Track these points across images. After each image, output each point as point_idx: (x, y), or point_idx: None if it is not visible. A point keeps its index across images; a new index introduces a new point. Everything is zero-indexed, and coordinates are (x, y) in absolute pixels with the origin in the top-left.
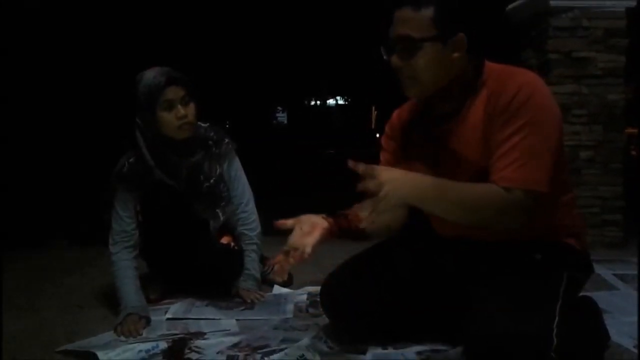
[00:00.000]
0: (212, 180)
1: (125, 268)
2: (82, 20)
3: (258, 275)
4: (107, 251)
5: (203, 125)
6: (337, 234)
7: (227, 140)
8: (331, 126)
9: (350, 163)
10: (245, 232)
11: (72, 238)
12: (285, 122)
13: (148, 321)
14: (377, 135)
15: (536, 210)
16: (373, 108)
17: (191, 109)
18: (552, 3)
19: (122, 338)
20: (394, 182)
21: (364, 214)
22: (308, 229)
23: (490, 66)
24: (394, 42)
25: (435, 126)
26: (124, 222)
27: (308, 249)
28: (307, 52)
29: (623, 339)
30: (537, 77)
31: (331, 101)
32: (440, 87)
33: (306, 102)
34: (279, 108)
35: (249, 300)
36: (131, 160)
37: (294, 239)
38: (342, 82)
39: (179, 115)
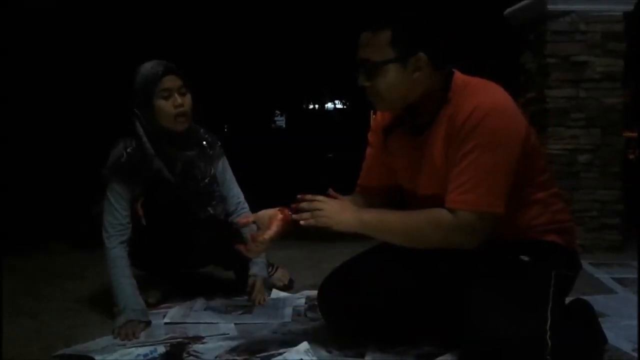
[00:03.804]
0: (207, 180)
1: (123, 267)
2: (82, 22)
3: (265, 260)
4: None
5: (198, 127)
6: (292, 221)
7: (219, 143)
8: (330, 130)
9: (331, 192)
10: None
11: (71, 241)
12: (284, 125)
13: (148, 324)
14: None
15: (495, 228)
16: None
17: (188, 99)
18: (550, 7)
19: (119, 342)
20: (337, 205)
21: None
22: (267, 223)
23: (458, 80)
24: (358, 64)
25: (409, 135)
26: (120, 214)
27: (270, 233)
28: (306, 56)
29: (622, 342)
30: (498, 95)
31: (330, 105)
32: (409, 103)
33: (304, 106)
34: (278, 112)
35: (261, 291)
36: (129, 150)
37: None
38: (340, 86)
39: (176, 103)
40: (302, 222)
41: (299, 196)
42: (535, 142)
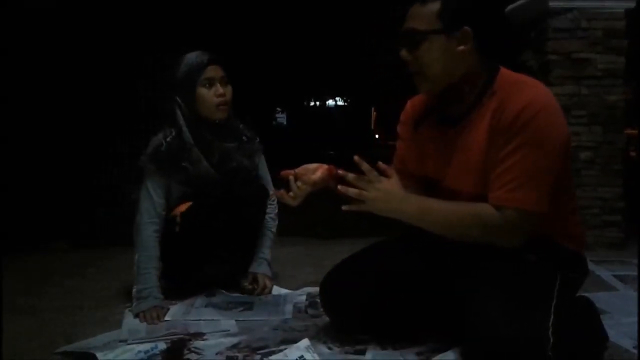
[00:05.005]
0: (244, 173)
1: (152, 257)
2: (82, 22)
3: (270, 260)
4: (106, 253)
5: (238, 121)
6: (337, 176)
7: (258, 139)
8: (331, 127)
9: (356, 158)
10: (268, 219)
11: (71, 241)
12: (285, 123)
13: (168, 310)
14: (377, 136)
15: (535, 227)
16: (372, 109)
17: (229, 90)
18: (551, 4)
19: (124, 338)
20: (384, 193)
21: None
22: (312, 169)
23: (504, 75)
24: (401, 35)
25: (444, 125)
26: (155, 202)
27: (314, 177)
28: (307, 53)
29: (623, 339)
30: (547, 94)
31: (331, 102)
32: (450, 83)
33: (305, 103)
34: (279, 109)
35: (269, 285)
36: (168, 139)
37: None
38: (341, 83)
39: (218, 93)
40: (344, 208)
41: (355, 158)
42: (570, 147)
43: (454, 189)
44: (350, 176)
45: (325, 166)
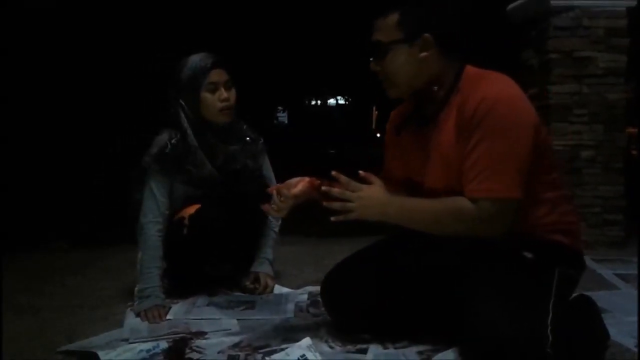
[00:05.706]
0: (247, 173)
1: (155, 257)
2: (82, 22)
3: (272, 259)
4: (106, 253)
5: (242, 123)
6: (319, 188)
7: (262, 140)
8: (332, 126)
9: (334, 173)
10: (271, 219)
11: (71, 240)
12: (286, 122)
13: (169, 309)
14: (378, 135)
15: (515, 213)
16: (374, 108)
17: (233, 93)
18: (552, 2)
19: (126, 337)
20: (366, 200)
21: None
22: (294, 184)
23: (468, 72)
24: (369, 48)
25: (421, 127)
26: (159, 201)
27: (295, 190)
28: (308, 52)
29: (624, 338)
30: (506, 86)
31: (332, 101)
32: (418, 87)
33: (307, 102)
34: (280, 108)
35: (270, 285)
36: (173, 141)
37: (280, 186)
38: (342, 82)
39: (222, 97)
40: (332, 219)
41: (333, 173)
42: (545, 138)
43: (432, 187)
44: (334, 191)
45: (306, 179)
